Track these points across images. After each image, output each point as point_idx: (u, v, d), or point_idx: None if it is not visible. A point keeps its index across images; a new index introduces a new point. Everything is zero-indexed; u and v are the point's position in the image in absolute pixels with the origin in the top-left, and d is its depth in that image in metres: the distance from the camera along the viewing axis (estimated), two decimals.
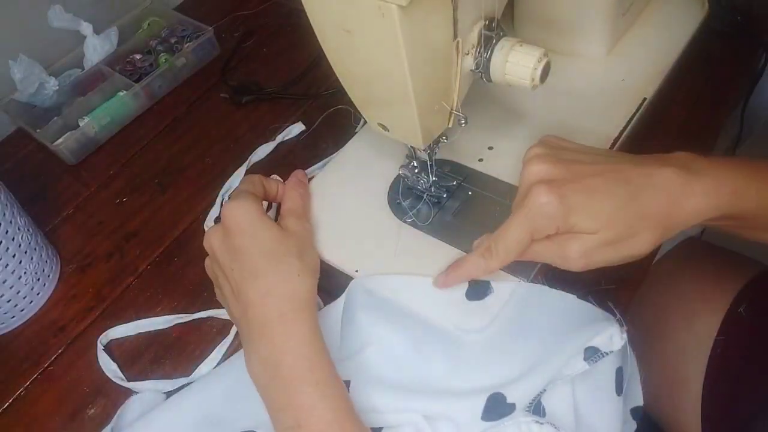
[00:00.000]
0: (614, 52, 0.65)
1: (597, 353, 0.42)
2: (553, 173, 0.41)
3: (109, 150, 0.75)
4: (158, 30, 0.85)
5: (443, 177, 0.57)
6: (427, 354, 0.48)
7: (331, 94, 0.74)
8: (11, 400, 0.55)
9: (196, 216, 0.66)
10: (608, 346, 0.42)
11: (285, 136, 0.71)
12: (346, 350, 0.48)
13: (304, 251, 0.47)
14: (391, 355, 0.48)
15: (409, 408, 0.45)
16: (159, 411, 0.50)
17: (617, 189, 0.40)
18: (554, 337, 0.44)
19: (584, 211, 0.39)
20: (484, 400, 0.43)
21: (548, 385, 0.43)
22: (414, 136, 0.48)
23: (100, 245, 0.66)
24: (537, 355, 0.44)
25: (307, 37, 0.44)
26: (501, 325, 0.47)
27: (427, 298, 0.49)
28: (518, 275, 0.49)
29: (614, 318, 0.42)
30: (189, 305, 0.59)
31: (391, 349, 0.49)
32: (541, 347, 0.45)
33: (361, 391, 0.45)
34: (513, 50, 0.44)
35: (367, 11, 0.37)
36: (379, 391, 0.45)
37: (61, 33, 0.78)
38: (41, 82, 0.75)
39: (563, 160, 0.41)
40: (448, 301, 0.49)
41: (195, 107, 0.78)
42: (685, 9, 0.67)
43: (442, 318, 0.48)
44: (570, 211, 0.39)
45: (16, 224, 0.57)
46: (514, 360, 0.45)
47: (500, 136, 0.60)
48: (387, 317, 0.50)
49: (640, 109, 0.60)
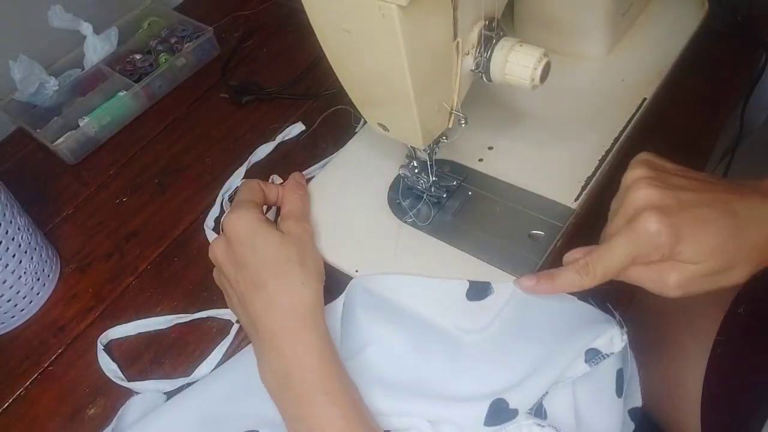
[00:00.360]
0: (614, 52, 0.65)
1: (598, 355, 0.42)
2: (663, 200, 0.39)
3: (109, 150, 0.75)
4: (158, 30, 0.85)
5: (443, 177, 0.57)
6: (427, 354, 0.48)
7: (331, 94, 0.74)
8: (11, 400, 0.55)
9: (196, 216, 0.66)
10: (609, 348, 0.42)
11: (285, 136, 0.71)
12: (346, 351, 0.48)
13: (306, 256, 0.47)
14: (391, 355, 0.48)
15: (412, 411, 0.45)
16: (160, 411, 0.50)
17: (725, 221, 0.39)
18: (555, 338, 0.44)
19: (692, 242, 0.38)
20: (487, 405, 0.43)
21: (550, 387, 0.43)
22: (414, 136, 0.48)
23: (100, 245, 0.66)
24: (538, 356, 0.44)
25: (307, 37, 0.44)
26: (501, 325, 0.47)
27: (427, 297, 0.49)
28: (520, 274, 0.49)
29: (614, 319, 0.42)
30: (189, 305, 0.59)
31: (391, 349, 0.49)
32: (542, 348, 0.45)
33: (363, 393, 0.45)
34: (513, 50, 0.44)
35: (367, 11, 0.37)
36: (381, 393, 0.45)
37: (61, 33, 0.78)
38: (41, 82, 0.75)
39: (671, 186, 0.40)
40: (448, 301, 0.49)
41: (195, 107, 0.78)
42: (685, 9, 0.68)
43: (443, 318, 0.48)
44: (678, 241, 0.38)
45: (16, 224, 0.57)
46: (515, 362, 0.45)
47: (500, 136, 0.60)
48: (387, 317, 0.50)
49: (640, 109, 0.60)
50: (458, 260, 0.52)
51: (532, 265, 0.51)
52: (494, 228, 0.54)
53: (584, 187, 0.55)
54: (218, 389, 0.50)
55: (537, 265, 0.51)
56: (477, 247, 0.53)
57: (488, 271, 0.51)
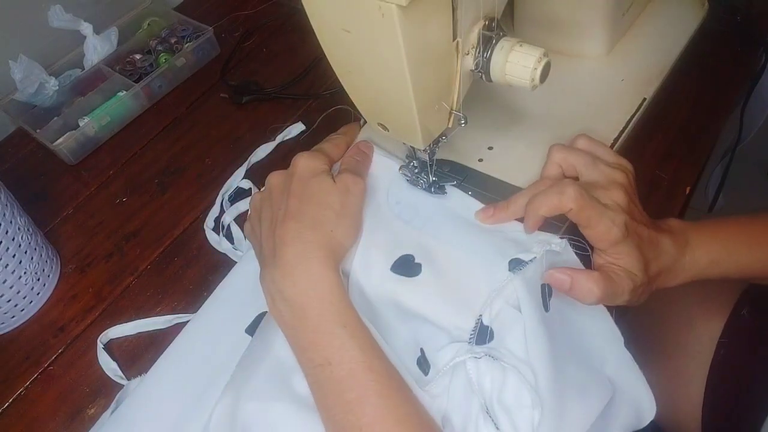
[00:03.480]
0: (614, 52, 0.65)
1: (520, 264, 0.45)
2: (630, 214, 0.45)
3: (109, 150, 0.75)
4: (158, 30, 0.85)
5: (443, 177, 0.57)
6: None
7: (331, 94, 0.74)
8: (11, 400, 0.55)
9: (196, 216, 0.66)
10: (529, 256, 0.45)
11: (285, 137, 0.71)
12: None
13: (347, 209, 0.48)
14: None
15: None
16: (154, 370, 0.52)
17: (654, 249, 0.46)
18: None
19: (633, 254, 0.44)
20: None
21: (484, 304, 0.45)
22: (414, 136, 0.48)
23: (100, 245, 0.66)
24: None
25: (307, 37, 0.44)
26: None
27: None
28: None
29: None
30: (189, 305, 0.59)
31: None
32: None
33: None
34: (513, 50, 0.44)
35: (367, 11, 0.37)
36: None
37: (61, 33, 0.78)
38: (41, 82, 0.75)
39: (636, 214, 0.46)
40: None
41: (195, 107, 0.78)
42: (685, 9, 0.68)
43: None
44: (624, 239, 0.44)
45: (16, 224, 0.57)
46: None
47: (500, 136, 0.60)
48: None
49: (640, 109, 0.60)
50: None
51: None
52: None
53: None
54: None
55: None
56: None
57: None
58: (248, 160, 0.69)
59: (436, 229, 0.51)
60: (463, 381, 0.43)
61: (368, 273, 0.49)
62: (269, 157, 0.70)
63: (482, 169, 0.58)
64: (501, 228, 0.50)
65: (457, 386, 0.43)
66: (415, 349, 0.46)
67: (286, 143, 0.71)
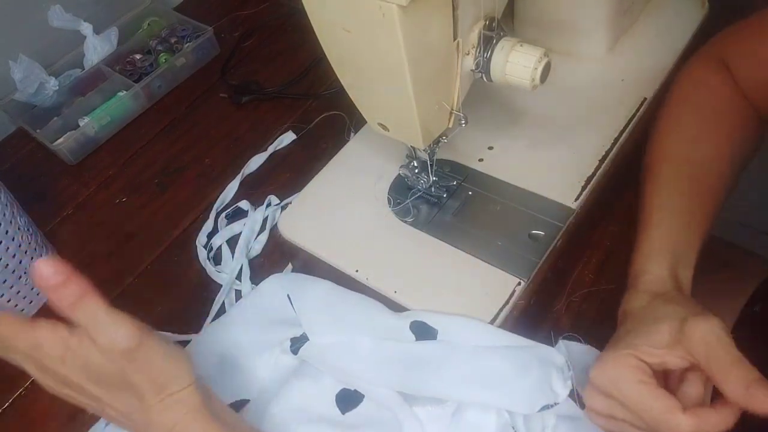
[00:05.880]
0: (614, 51, 0.65)
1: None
2: None
3: (109, 150, 0.75)
4: (158, 30, 0.85)
5: (443, 177, 0.57)
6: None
7: (331, 94, 0.74)
8: (11, 400, 0.55)
9: (196, 216, 0.66)
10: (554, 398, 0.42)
11: (277, 146, 0.70)
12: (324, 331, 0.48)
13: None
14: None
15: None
16: None
17: None
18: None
19: None
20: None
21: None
22: (414, 136, 0.48)
23: (100, 245, 0.66)
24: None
25: (307, 37, 0.44)
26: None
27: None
28: (517, 275, 0.49)
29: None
30: (189, 305, 0.59)
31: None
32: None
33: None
34: (513, 50, 0.44)
35: (367, 11, 0.37)
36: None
37: (61, 33, 0.78)
38: (41, 82, 0.75)
39: None
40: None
41: (195, 107, 0.78)
42: (685, 9, 0.68)
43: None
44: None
45: (16, 224, 0.57)
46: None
47: (500, 136, 0.60)
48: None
49: (640, 109, 0.60)
50: (458, 260, 0.52)
51: (532, 264, 0.51)
52: (494, 228, 0.54)
53: (584, 187, 0.55)
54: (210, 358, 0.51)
55: (537, 265, 0.51)
56: (477, 247, 0.53)
57: (488, 270, 0.51)
58: (241, 172, 0.68)
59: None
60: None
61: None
62: (266, 165, 0.69)
63: (482, 169, 0.58)
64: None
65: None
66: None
67: (278, 152, 0.71)
